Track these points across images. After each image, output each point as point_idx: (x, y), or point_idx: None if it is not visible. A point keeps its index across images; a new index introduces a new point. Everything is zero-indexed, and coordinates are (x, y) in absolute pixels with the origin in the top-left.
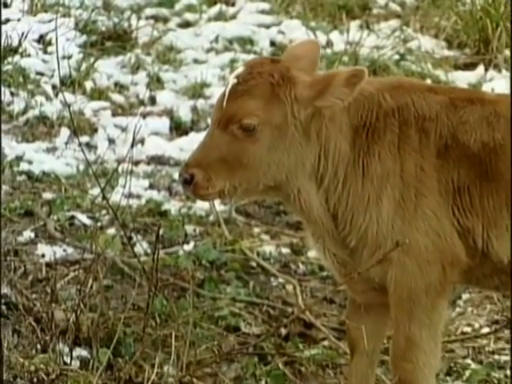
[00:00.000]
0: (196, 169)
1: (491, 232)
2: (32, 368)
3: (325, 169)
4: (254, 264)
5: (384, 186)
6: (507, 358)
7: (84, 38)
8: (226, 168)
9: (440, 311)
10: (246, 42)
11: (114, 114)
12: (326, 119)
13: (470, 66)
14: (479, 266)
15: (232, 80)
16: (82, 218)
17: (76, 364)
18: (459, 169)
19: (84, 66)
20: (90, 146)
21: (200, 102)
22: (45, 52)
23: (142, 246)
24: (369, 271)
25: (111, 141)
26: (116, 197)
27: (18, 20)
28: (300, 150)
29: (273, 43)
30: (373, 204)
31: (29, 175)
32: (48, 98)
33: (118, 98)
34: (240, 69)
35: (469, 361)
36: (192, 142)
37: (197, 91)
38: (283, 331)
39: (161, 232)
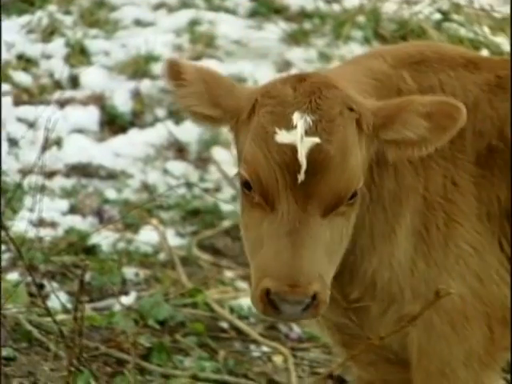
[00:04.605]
0: (316, 284)
1: None
2: None
3: None
4: (225, 325)
5: (399, 212)
6: None
7: None
8: (330, 261)
9: None
10: None
11: (17, 103)
12: None
13: None
14: None
15: (307, 141)
16: None
17: None
18: (509, 182)
19: None
20: None
21: (145, 84)
22: None
23: (58, 299)
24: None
25: (12, 142)
26: (20, 225)
27: None
28: None
29: None
30: (382, 239)
31: None
32: None
33: (22, 78)
34: (299, 114)
35: None
36: (133, 143)
37: (140, 68)
38: None
39: (87, 277)
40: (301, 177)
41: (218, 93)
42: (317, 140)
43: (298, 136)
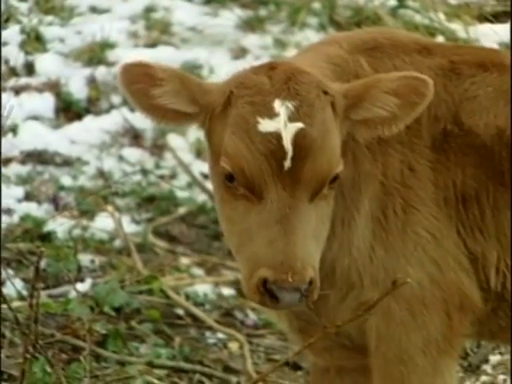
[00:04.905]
0: (310, 269)
1: (510, 261)
2: None
3: None
4: (180, 312)
5: (358, 198)
6: None
7: None
8: (318, 245)
9: (446, 378)
10: None
11: None
12: None
13: (501, 17)
14: (493, 312)
15: (291, 127)
16: None
17: None
18: (464, 167)
19: None
20: None
21: (100, 71)
22: None
23: (14, 286)
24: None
25: None
26: None
27: None
28: None
29: None
30: (342, 225)
31: None
32: None
33: None
34: (280, 102)
35: None
36: (88, 130)
37: (95, 55)
38: None
39: (42, 264)
40: (287, 163)
41: (193, 88)
42: (300, 125)
43: (281, 123)
